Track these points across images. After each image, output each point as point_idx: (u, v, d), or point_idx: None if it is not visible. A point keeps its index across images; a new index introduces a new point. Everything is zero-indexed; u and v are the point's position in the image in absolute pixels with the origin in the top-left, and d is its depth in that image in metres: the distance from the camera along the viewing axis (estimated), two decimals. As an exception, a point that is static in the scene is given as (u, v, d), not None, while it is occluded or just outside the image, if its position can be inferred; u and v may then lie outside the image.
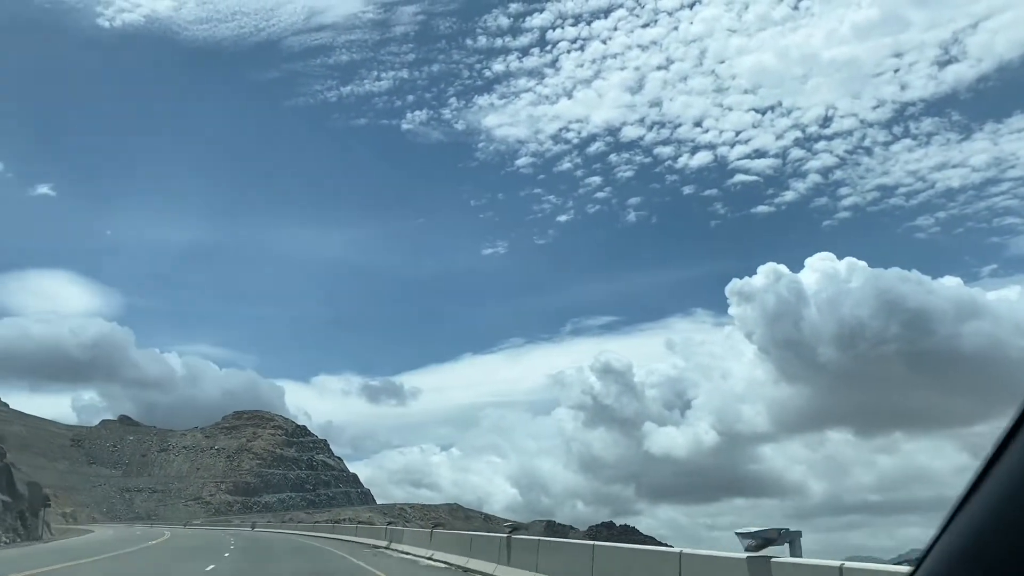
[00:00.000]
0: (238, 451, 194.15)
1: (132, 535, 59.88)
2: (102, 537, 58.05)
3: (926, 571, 1.61)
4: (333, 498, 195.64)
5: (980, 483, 1.50)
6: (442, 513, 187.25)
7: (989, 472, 1.48)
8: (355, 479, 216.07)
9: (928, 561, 1.61)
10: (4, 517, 46.07)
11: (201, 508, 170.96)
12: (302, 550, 39.28)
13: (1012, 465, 1.43)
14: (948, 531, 1.55)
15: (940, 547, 1.57)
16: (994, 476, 1.47)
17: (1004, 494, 1.43)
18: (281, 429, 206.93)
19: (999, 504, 1.44)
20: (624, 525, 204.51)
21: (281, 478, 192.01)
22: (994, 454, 1.47)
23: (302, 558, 32.87)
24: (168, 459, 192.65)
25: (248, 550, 38.68)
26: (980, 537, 1.47)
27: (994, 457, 1.47)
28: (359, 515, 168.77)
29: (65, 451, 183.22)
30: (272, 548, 40.70)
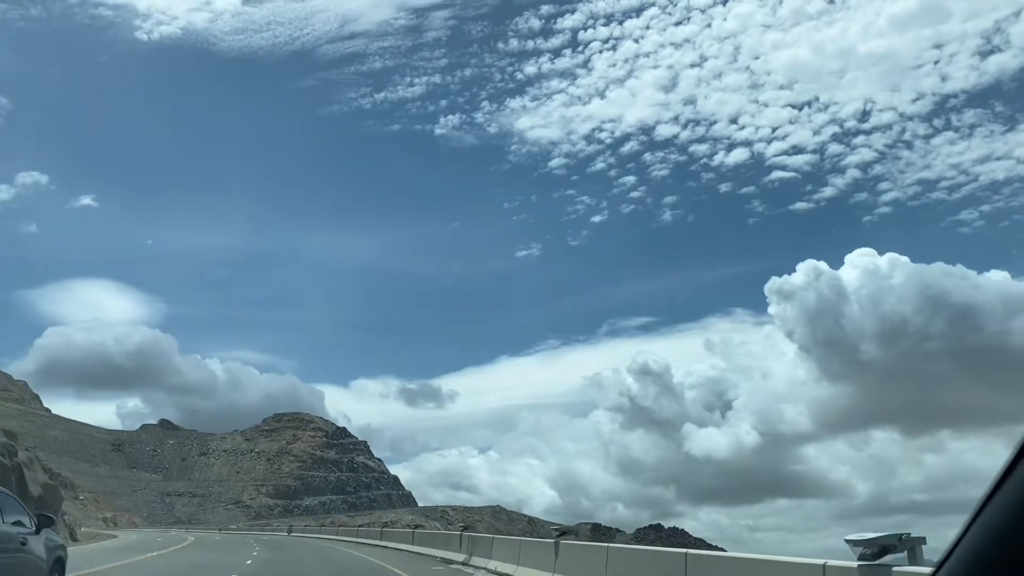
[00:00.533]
0: (278, 454, 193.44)
1: (151, 541, 56.81)
2: (117, 544, 54.89)
3: (948, 571, 1.61)
4: (374, 500, 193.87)
5: (1003, 483, 1.49)
6: (485, 515, 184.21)
7: (1012, 472, 1.47)
8: (396, 481, 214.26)
9: (950, 562, 1.60)
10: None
11: (241, 512, 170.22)
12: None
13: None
14: (970, 532, 1.54)
15: (962, 548, 1.56)
16: (1017, 476, 1.46)
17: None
18: (321, 431, 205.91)
19: (1020, 505, 1.43)
20: (673, 527, 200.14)
21: (322, 480, 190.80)
22: (1017, 454, 1.46)
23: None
24: (208, 463, 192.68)
25: (269, 564, 31.29)
26: (1002, 538, 1.46)
27: (1017, 457, 1.46)
28: (401, 518, 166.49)
29: (106, 455, 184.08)
30: (301, 565, 30.83)
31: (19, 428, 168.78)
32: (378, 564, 30.57)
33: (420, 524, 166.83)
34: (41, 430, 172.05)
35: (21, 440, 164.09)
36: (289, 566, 30.48)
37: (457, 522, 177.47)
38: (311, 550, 42.62)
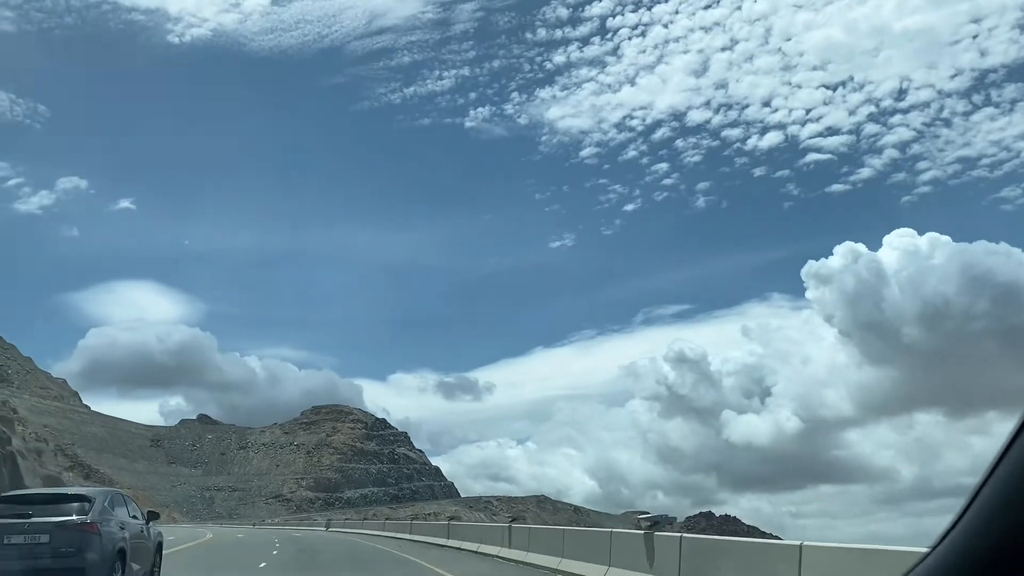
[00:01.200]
0: (318, 446, 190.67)
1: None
2: None
3: (942, 554, 1.60)
4: (416, 492, 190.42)
5: (997, 469, 1.50)
6: (529, 505, 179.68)
7: (1006, 457, 1.48)
8: (438, 472, 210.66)
9: (945, 543, 1.60)
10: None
11: (282, 506, 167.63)
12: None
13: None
14: (966, 516, 1.54)
15: (957, 531, 1.56)
16: (1009, 461, 1.47)
17: (1020, 480, 1.43)
18: (360, 423, 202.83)
19: (1015, 490, 1.44)
20: (724, 515, 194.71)
21: (362, 473, 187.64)
22: (1012, 439, 1.47)
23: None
24: (247, 457, 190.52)
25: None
26: (996, 522, 1.46)
27: (1012, 442, 1.47)
28: (444, 509, 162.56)
29: (144, 451, 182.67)
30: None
31: (58, 425, 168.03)
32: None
33: (460, 516, 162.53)
34: (79, 427, 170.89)
35: (60, 437, 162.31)
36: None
37: (502, 512, 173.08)
38: (344, 553, 33.98)
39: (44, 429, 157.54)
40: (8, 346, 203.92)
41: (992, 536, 1.46)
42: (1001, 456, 1.49)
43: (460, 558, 29.56)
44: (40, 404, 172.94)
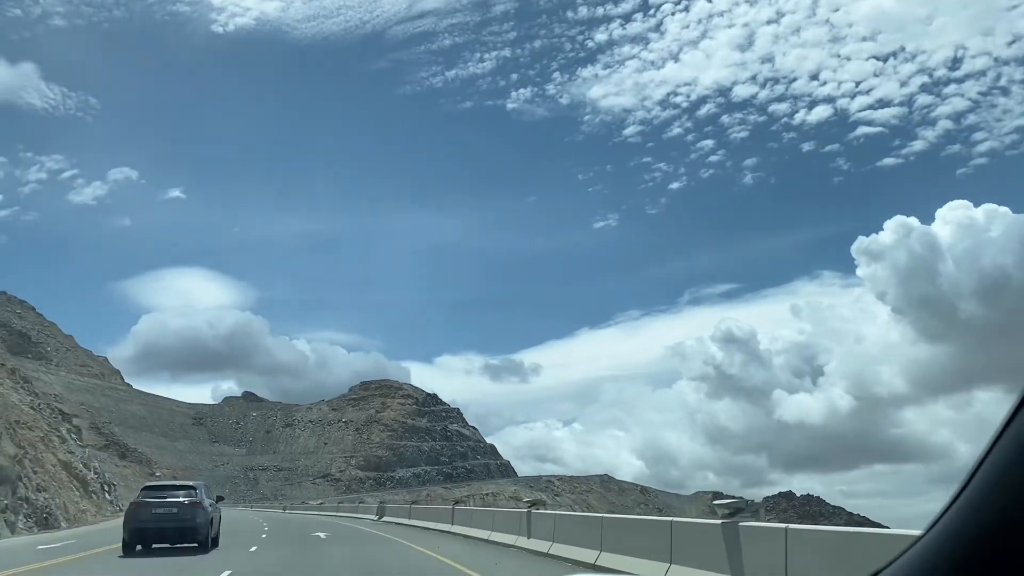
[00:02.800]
0: (367, 423, 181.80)
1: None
2: (90, 531, 38.97)
3: (934, 537, 1.61)
4: (471, 471, 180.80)
5: (991, 453, 1.50)
6: (593, 485, 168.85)
7: (999, 441, 1.49)
8: (493, 450, 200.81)
9: (938, 527, 1.61)
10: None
11: (330, 486, 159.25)
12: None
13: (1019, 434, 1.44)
14: (960, 499, 1.55)
15: (950, 515, 1.57)
16: (1003, 445, 1.47)
17: (1012, 463, 1.44)
18: (411, 398, 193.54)
19: (1007, 474, 1.45)
20: (807, 495, 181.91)
21: (414, 450, 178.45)
22: (1006, 423, 1.48)
23: None
24: (294, 434, 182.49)
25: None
26: (989, 506, 1.47)
27: (1006, 426, 1.48)
28: (503, 489, 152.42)
29: (186, 430, 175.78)
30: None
31: (95, 403, 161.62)
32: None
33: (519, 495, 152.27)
34: (118, 404, 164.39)
35: (96, 415, 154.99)
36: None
37: (564, 493, 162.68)
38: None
39: (80, 407, 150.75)
40: (48, 324, 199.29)
41: (984, 519, 1.47)
42: (995, 440, 1.49)
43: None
44: (77, 381, 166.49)
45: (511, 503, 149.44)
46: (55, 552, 23.07)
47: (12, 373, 75.49)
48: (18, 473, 40.31)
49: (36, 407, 72.28)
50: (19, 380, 75.73)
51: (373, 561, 21.35)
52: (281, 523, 46.55)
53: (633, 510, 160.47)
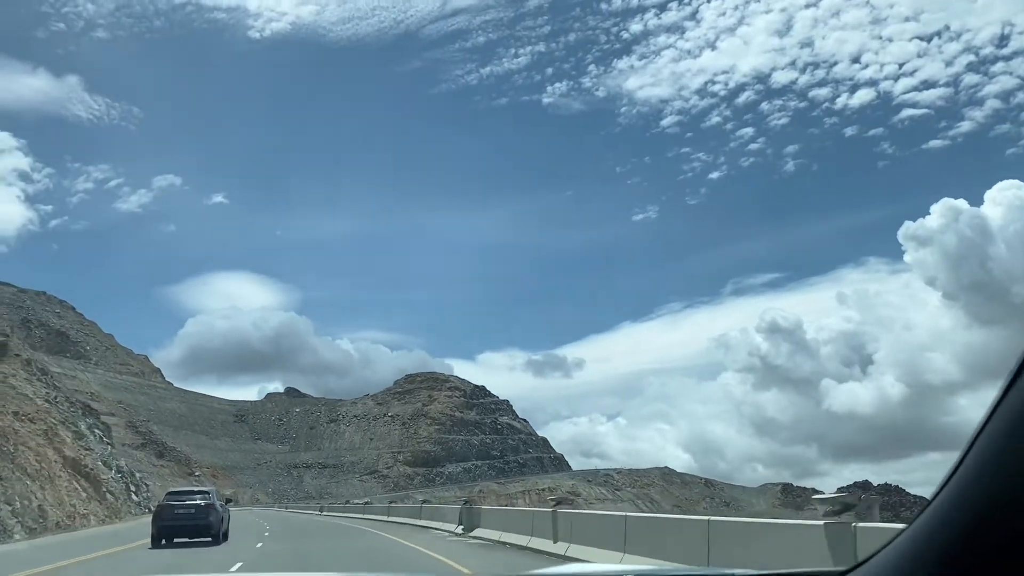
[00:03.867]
0: (414, 417, 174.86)
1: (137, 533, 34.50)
2: (76, 537, 33.25)
3: (921, 527, 1.60)
4: (524, 465, 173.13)
5: (975, 443, 1.49)
6: (654, 478, 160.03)
7: (985, 429, 1.48)
8: (545, 443, 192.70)
9: (923, 516, 1.60)
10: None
11: (378, 483, 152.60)
12: None
13: (1009, 419, 1.43)
14: (945, 488, 1.55)
15: (936, 505, 1.56)
16: (988, 433, 1.46)
17: (998, 452, 1.43)
18: (458, 390, 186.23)
19: (993, 463, 1.44)
20: (885, 484, 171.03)
21: (464, 444, 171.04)
22: (992, 411, 1.47)
23: None
24: (338, 430, 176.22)
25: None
26: (974, 495, 1.46)
27: (992, 413, 1.47)
28: (560, 483, 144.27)
29: (227, 427, 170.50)
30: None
31: (133, 401, 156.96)
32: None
33: (578, 491, 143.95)
34: (157, 402, 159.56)
35: (134, 413, 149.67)
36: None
37: (625, 487, 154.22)
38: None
39: (118, 405, 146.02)
40: (88, 323, 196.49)
41: (970, 508, 1.46)
42: (981, 428, 1.48)
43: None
44: (115, 379, 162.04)
45: (568, 498, 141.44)
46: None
47: (27, 364, 69.30)
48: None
49: (52, 400, 65.94)
50: (35, 372, 69.56)
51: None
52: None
53: (698, 504, 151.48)
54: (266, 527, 39.95)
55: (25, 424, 46.34)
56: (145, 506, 73.36)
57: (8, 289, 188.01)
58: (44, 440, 45.32)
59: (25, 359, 69.61)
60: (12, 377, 65.97)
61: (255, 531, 35.53)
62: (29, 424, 46.65)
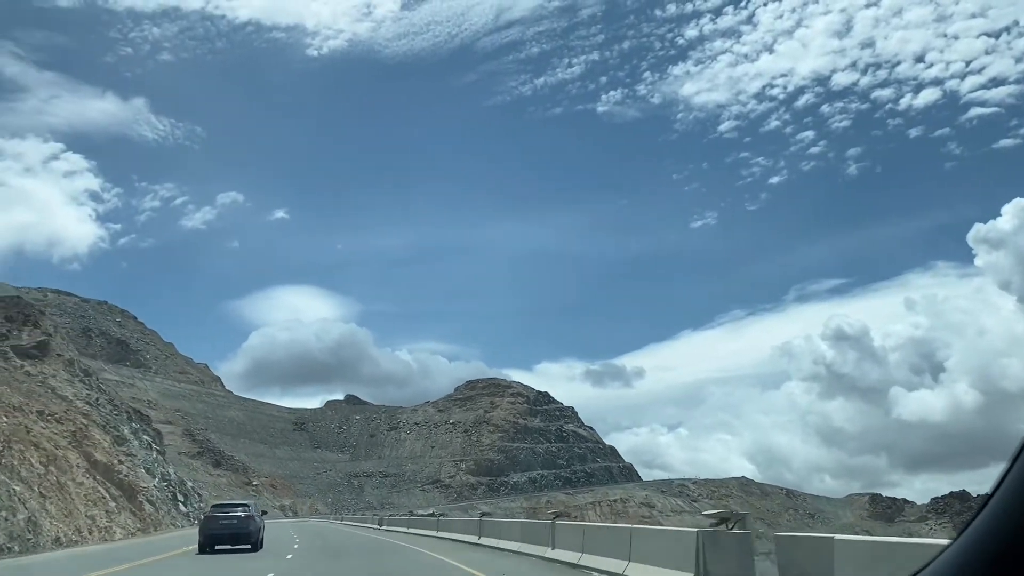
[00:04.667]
0: (476, 424, 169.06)
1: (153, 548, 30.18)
2: (78, 554, 28.73)
3: (962, 545, 1.57)
4: (592, 474, 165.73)
5: (1018, 459, 1.48)
6: (732, 489, 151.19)
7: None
8: (613, 452, 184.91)
9: (966, 535, 1.56)
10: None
11: (440, 492, 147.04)
12: None
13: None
14: (988, 507, 1.51)
15: (979, 523, 1.52)
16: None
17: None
18: (521, 396, 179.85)
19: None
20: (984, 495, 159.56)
21: (528, 453, 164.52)
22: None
23: None
24: (399, 438, 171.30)
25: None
26: (1018, 512, 1.43)
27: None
28: (632, 495, 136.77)
29: (286, 435, 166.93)
30: None
31: (191, 409, 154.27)
32: None
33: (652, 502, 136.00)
34: (215, 411, 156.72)
35: (192, 421, 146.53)
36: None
37: (702, 498, 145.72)
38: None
39: (175, 413, 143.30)
40: (149, 332, 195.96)
41: (1014, 526, 1.42)
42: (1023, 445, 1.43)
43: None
44: (174, 387, 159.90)
45: (642, 510, 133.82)
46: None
47: (70, 365, 65.15)
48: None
49: (93, 402, 61.53)
50: (77, 373, 65.35)
51: None
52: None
53: (780, 516, 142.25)
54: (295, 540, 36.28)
55: (51, 425, 41.25)
56: (195, 517, 68.70)
57: (70, 299, 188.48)
58: (70, 442, 40.19)
59: (67, 359, 65.53)
60: (52, 377, 61.71)
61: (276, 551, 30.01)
62: (55, 425, 41.54)
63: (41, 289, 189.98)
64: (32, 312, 69.47)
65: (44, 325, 68.53)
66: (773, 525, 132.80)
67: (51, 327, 69.47)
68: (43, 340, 65.12)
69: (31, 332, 65.95)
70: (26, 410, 38.90)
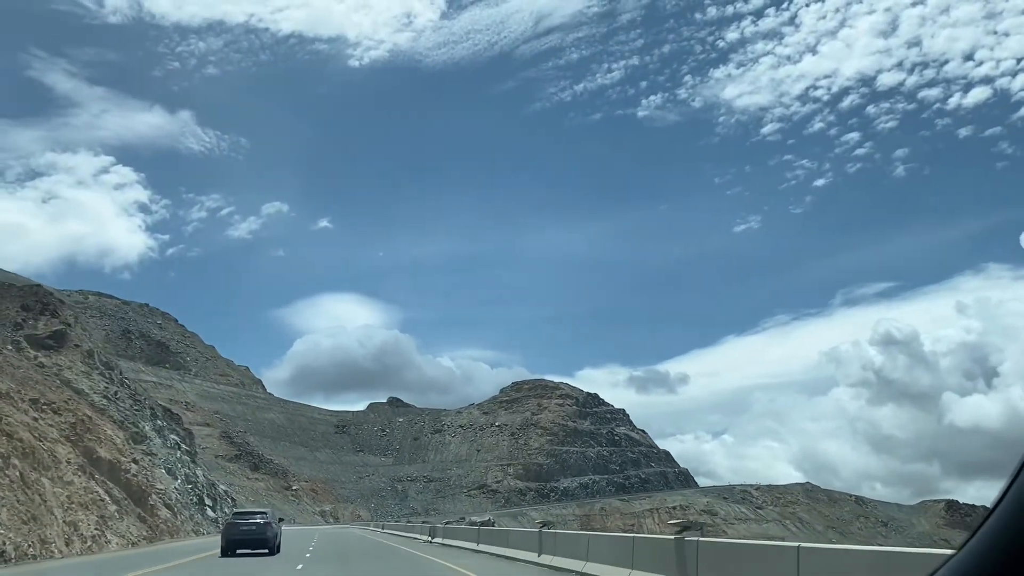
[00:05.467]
0: (523, 427, 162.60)
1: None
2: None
3: (967, 556, 1.54)
4: (646, 480, 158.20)
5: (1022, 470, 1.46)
6: (797, 495, 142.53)
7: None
8: (668, 457, 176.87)
9: (970, 545, 1.55)
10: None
11: (487, 498, 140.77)
12: None
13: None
14: (993, 516, 1.50)
15: (983, 533, 1.51)
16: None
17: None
18: (570, 398, 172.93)
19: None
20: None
21: (579, 457, 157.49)
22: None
23: None
24: (443, 441, 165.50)
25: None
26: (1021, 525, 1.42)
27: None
28: (693, 501, 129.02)
29: (328, 439, 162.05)
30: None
31: (231, 411, 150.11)
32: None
33: (714, 508, 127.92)
34: (255, 413, 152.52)
35: (230, 423, 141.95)
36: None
37: (767, 505, 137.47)
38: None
39: (214, 415, 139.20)
40: (190, 334, 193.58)
41: (1018, 537, 1.41)
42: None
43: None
44: (213, 389, 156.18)
45: (704, 518, 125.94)
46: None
47: (89, 356, 60.09)
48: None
49: (111, 395, 56.35)
50: (97, 365, 60.31)
51: None
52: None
53: (851, 524, 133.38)
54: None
55: (45, 415, 35.67)
56: (224, 523, 63.39)
57: (111, 301, 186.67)
58: (66, 436, 34.57)
59: (86, 350, 60.55)
60: (68, 369, 56.74)
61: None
62: (50, 416, 36.05)
63: (82, 291, 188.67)
64: (51, 301, 64.66)
65: (63, 315, 63.69)
66: (845, 535, 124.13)
67: (71, 317, 64.64)
68: (60, 330, 60.25)
69: (48, 321, 61.14)
70: (16, 397, 33.44)
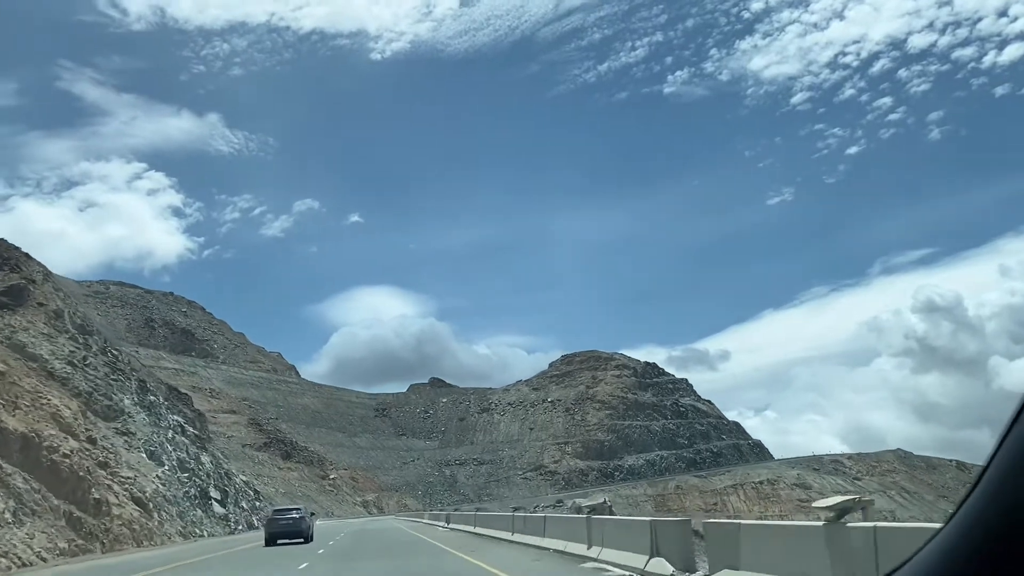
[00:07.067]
0: (578, 401, 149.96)
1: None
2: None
3: (954, 528, 1.55)
4: (719, 454, 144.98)
5: (1006, 440, 1.46)
6: (893, 463, 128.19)
7: (1015, 427, 1.45)
8: (738, 429, 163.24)
9: (957, 517, 1.55)
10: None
11: (545, 480, 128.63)
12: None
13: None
14: (978, 488, 1.50)
15: (969, 505, 1.52)
16: (1018, 431, 1.44)
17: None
18: (628, 368, 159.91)
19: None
20: None
21: (643, 431, 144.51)
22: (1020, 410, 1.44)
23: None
24: (492, 420, 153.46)
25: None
26: (1009, 494, 1.42)
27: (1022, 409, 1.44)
28: (782, 475, 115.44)
29: (367, 423, 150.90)
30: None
31: (260, 397, 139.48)
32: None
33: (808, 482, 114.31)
34: (287, 399, 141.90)
35: (260, 410, 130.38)
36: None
37: (864, 475, 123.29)
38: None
39: (242, 402, 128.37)
40: (218, 322, 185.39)
41: (1005, 508, 1.43)
42: (1011, 425, 1.45)
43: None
44: (241, 375, 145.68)
45: (797, 492, 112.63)
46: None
47: (56, 317, 48.33)
48: None
49: (78, 361, 44.59)
50: (66, 328, 48.68)
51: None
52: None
53: (958, 492, 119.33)
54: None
55: None
56: (237, 522, 51.41)
57: (133, 290, 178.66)
58: None
59: (53, 310, 48.71)
60: (23, 331, 45.06)
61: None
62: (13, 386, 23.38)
63: (103, 282, 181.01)
64: (13, 255, 52.81)
65: (29, 270, 51.87)
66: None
67: (39, 274, 52.86)
68: (18, 285, 48.39)
69: (6, 276, 49.34)
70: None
